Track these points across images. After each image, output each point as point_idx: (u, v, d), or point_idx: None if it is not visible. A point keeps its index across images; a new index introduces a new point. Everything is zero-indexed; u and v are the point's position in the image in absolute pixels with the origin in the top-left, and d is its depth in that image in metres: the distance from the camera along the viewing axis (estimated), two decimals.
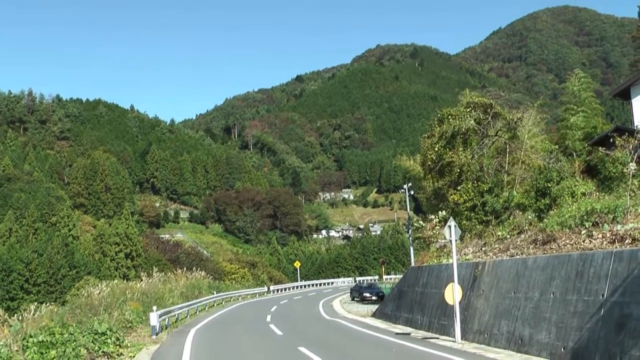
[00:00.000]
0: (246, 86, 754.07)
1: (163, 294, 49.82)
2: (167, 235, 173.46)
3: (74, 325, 26.61)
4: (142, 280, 53.97)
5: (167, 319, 37.43)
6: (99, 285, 45.56)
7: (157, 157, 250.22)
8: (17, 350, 20.14)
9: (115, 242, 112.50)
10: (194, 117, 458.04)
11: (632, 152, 27.32)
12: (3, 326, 23.37)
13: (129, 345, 26.64)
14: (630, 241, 19.02)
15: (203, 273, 75.34)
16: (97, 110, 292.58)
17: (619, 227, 20.52)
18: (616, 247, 18.82)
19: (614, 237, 19.94)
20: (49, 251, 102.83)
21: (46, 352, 19.03)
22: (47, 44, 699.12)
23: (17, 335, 21.59)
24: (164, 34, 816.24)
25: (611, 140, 30.67)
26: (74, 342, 21.26)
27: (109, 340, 24.37)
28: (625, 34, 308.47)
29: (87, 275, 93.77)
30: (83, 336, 23.16)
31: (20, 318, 31.88)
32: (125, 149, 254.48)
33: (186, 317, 46.00)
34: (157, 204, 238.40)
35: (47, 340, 20.86)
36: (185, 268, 75.11)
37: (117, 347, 24.70)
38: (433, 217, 43.73)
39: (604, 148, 34.58)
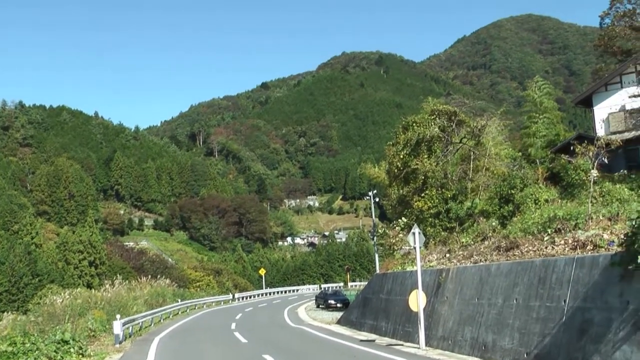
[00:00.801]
0: (211, 93, 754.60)
1: (127, 302, 49.49)
2: (132, 243, 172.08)
3: (36, 334, 26.37)
4: (105, 288, 53.56)
5: (130, 328, 37.17)
6: (62, 294, 45.19)
7: (121, 164, 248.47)
8: None
9: (78, 250, 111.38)
10: (159, 124, 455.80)
11: (593, 159, 27.62)
12: None
13: (92, 354, 26.43)
14: (591, 247, 19.21)
15: (168, 281, 74.97)
16: (60, 116, 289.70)
17: (580, 233, 20.73)
18: (578, 254, 19.00)
19: (575, 244, 20.14)
20: (11, 259, 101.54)
21: None
22: (8, 49, 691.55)
23: None
24: (128, 40, 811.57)
25: (571, 148, 31.01)
26: (36, 352, 21.06)
27: (71, 350, 24.17)
28: (587, 42, 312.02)
29: (50, 284, 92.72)
30: (45, 345, 22.94)
31: None
32: (89, 156, 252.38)
33: (150, 325, 45.70)
34: (122, 212, 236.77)
35: (8, 350, 20.64)
36: (149, 276, 74.65)
37: (80, 356, 24.50)
38: (397, 223, 43.87)
39: (566, 155, 34.93)
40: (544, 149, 50.21)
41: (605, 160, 30.01)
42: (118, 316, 33.50)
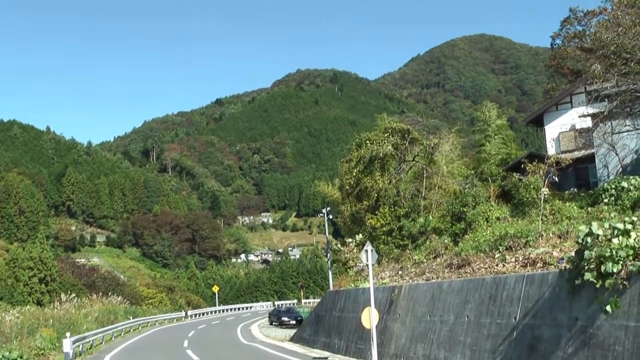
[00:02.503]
0: (165, 109, 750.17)
1: (77, 319, 48.91)
2: (83, 260, 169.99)
3: None
4: (56, 305, 52.90)
5: (81, 346, 36.78)
6: (11, 311, 44.47)
7: (73, 180, 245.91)
8: None
9: (29, 267, 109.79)
10: (112, 140, 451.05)
11: (544, 177, 28.00)
12: None
13: None
14: (541, 265, 19.48)
15: (119, 298, 74.33)
16: (11, 131, 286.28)
17: (531, 251, 20.99)
18: (528, 271, 19.24)
19: (526, 261, 20.40)
20: None
21: None
22: None
23: None
24: (82, 55, 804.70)
25: (523, 166, 31.42)
26: None
27: None
28: (539, 62, 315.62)
29: None
30: None
31: None
32: (40, 171, 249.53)
33: (101, 343, 45.27)
34: (73, 228, 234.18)
35: None
36: (101, 293, 74.00)
37: None
38: (351, 240, 43.98)
39: (518, 173, 35.33)
40: (496, 167, 50.76)
41: (556, 179, 30.46)
42: (68, 334, 33.12)
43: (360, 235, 43.66)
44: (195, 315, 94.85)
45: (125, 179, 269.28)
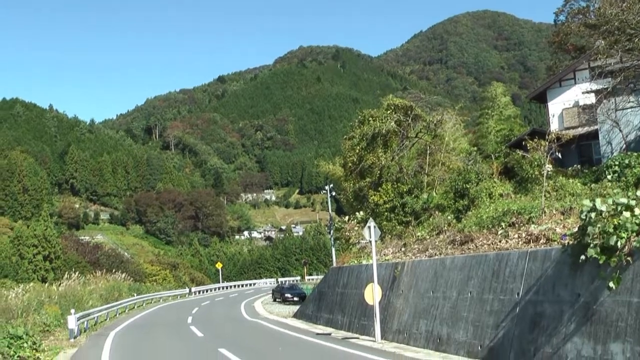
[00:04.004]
0: (167, 86, 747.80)
1: (82, 296, 49.09)
2: (87, 237, 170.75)
3: None
4: (60, 282, 53.06)
5: (85, 322, 36.88)
6: (16, 289, 44.59)
7: (76, 158, 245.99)
8: None
9: (33, 244, 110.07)
10: (115, 117, 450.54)
11: (547, 154, 27.95)
12: None
13: (46, 349, 26.18)
14: (544, 241, 19.46)
15: (123, 275, 74.47)
16: (14, 109, 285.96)
17: (534, 227, 20.98)
18: (531, 247, 19.24)
19: (529, 237, 20.39)
20: None
21: None
22: None
23: None
24: (84, 33, 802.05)
25: (524, 143, 31.38)
26: None
27: (25, 345, 23.92)
28: (542, 38, 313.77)
29: (4, 279, 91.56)
30: None
31: None
32: (43, 150, 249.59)
33: (106, 319, 45.43)
34: (77, 205, 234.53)
35: None
36: (105, 270, 74.11)
37: (34, 351, 24.27)
38: (353, 217, 44.02)
39: (521, 150, 35.27)
40: (499, 144, 50.69)
41: (559, 155, 30.36)
42: (73, 311, 33.19)
43: (362, 213, 43.70)
44: (199, 292, 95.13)
45: (128, 156, 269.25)
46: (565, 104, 42.55)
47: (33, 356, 23.60)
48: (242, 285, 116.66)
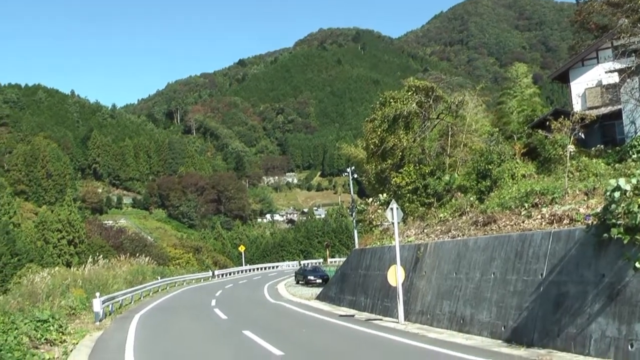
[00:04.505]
0: (188, 70, 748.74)
1: (107, 280, 49.40)
2: (111, 222, 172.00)
3: (16, 313, 26.33)
4: (85, 266, 53.45)
5: (110, 305, 37.15)
6: (42, 273, 44.98)
7: (98, 143, 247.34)
8: None
9: (57, 229, 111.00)
10: (136, 102, 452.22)
11: (570, 134, 27.82)
12: None
13: (72, 332, 26.41)
14: (567, 221, 19.39)
15: (147, 259, 74.85)
16: (36, 95, 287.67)
17: (557, 207, 20.91)
18: (554, 228, 19.18)
19: (552, 218, 20.31)
20: None
21: None
22: None
23: None
24: (105, 18, 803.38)
25: (548, 123, 31.20)
26: (16, 330, 21.01)
27: (51, 328, 24.14)
28: (563, 18, 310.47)
29: (30, 263, 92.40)
30: (25, 324, 22.91)
31: None
32: (66, 135, 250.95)
33: (130, 302, 45.71)
34: (100, 190, 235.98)
35: None
36: (129, 254, 74.54)
37: (60, 334, 24.48)
38: (375, 199, 44.00)
39: (543, 130, 35.11)
40: (521, 125, 50.45)
41: (582, 136, 30.27)
42: (98, 294, 33.43)
43: (385, 195, 43.68)
44: (222, 275, 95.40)
45: (150, 141, 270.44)
46: (588, 84, 42.25)
47: (59, 339, 23.81)
48: (265, 268, 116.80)
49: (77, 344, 23.81)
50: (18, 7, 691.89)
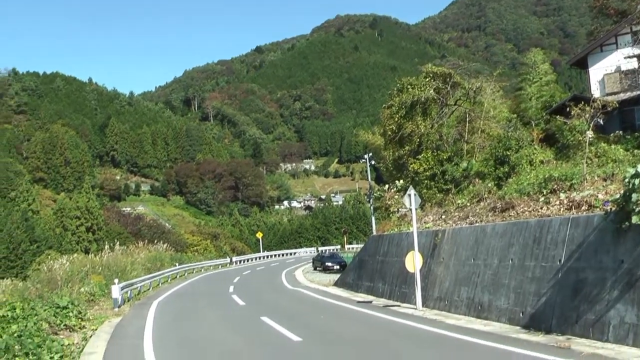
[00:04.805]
0: (205, 58, 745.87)
1: (125, 266, 49.71)
2: (129, 208, 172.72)
3: (35, 299, 26.55)
4: (103, 253, 53.73)
5: (129, 292, 37.35)
6: (60, 260, 45.24)
7: (116, 130, 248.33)
8: None
9: (76, 216, 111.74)
10: (154, 89, 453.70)
11: (589, 120, 27.69)
12: None
13: (91, 318, 26.61)
14: (586, 207, 19.31)
15: (165, 245, 75.07)
16: (54, 83, 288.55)
17: (575, 194, 20.84)
18: (573, 214, 19.10)
19: (570, 204, 20.22)
20: (9, 226, 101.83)
21: (7, 327, 18.97)
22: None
23: None
24: (122, 6, 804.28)
25: (567, 109, 31.04)
26: (35, 317, 21.20)
27: (70, 314, 24.33)
28: (582, 3, 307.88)
29: (48, 250, 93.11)
30: (44, 310, 23.10)
31: None
32: (84, 122, 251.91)
33: (149, 289, 45.92)
34: (118, 177, 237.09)
35: (8, 315, 20.78)
36: (147, 241, 74.91)
37: (79, 320, 24.67)
38: (393, 186, 43.97)
39: (562, 117, 34.95)
40: (539, 111, 50.23)
41: (601, 122, 30.04)
42: (116, 280, 33.62)
43: (402, 181, 43.66)
44: (240, 261, 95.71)
45: (168, 128, 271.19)
46: (606, 69, 42.04)
47: (79, 325, 23.99)
48: (283, 255, 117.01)
49: (96, 330, 23.99)
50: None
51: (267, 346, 19.01)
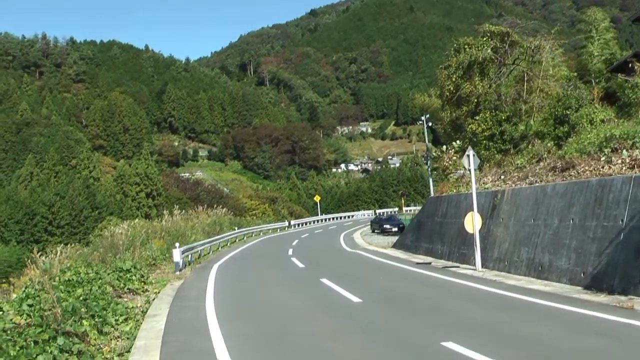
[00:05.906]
0: (260, 22, 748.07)
1: (185, 231, 50.25)
2: (187, 174, 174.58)
3: (99, 264, 27.11)
4: (164, 218, 54.44)
5: (190, 256, 37.80)
6: (122, 225, 45.97)
7: (173, 97, 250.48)
8: (46, 289, 20.52)
9: (135, 182, 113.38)
10: (209, 55, 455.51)
11: None
12: (33, 266, 23.79)
13: (153, 281, 27.07)
14: None
15: (224, 210, 75.63)
16: (111, 51, 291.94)
17: (638, 152, 20.51)
18: (635, 173, 18.81)
19: (633, 163, 19.92)
20: (71, 193, 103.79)
21: (73, 290, 19.38)
22: None
23: (45, 275, 22.01)
24: None
25: (630, 66, 30.43)
26: (100, 280, 21.65)
27: (133, 277, 24.82)
28: None
29: (110, 216, 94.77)
30: (108, 274, 23.59)
31: (46, 259, 32.28)
32: (141, 90, 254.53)
33: (209, 253, 46.41)
34: (176, 143, 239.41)
35: (73, 279, 21.24)
36: (206, 205, 75.51)
37: (142, 283, 25.14)
38: (450, 147, 43.72)
39: (623, 74, 34.31)
40: (600, 69, 49.35)
41: None
42: (177, 244, 34.07)
43: (460, 142, 43.37)
44: (298, 225, 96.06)
45: (224, 93, 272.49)
46: None
47: (141, 288, 24.44)
48: (340, 218, 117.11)
49: (158, 292, 24.39)
50: None
51: (328, 307, 19.15)
